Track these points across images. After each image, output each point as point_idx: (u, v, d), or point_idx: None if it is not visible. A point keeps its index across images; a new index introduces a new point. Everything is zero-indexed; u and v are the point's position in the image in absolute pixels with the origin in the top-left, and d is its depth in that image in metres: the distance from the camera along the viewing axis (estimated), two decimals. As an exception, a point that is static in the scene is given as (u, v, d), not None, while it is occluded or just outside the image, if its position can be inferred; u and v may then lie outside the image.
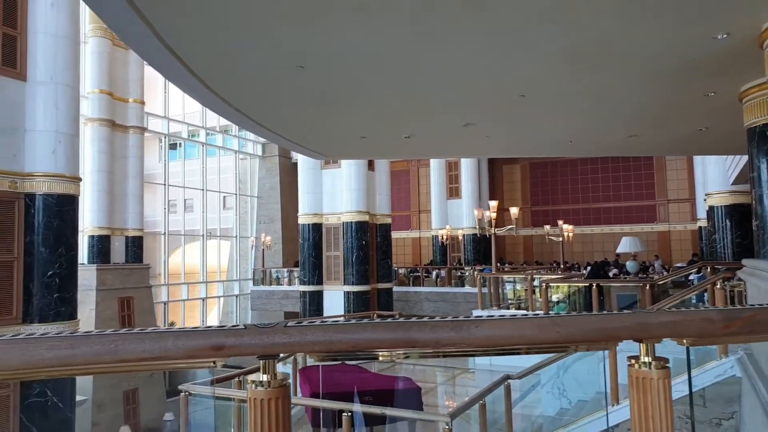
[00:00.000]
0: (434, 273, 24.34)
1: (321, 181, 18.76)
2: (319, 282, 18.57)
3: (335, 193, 18.66)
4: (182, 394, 6.26)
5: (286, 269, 24.48)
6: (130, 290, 19.72)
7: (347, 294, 18.35)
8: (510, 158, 28.91)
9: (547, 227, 23.25)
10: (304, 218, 18.48)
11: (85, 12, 18.23)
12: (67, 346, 1.01)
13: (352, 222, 18.41)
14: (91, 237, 19.22)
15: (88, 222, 18.92)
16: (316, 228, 18.46)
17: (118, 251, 20.06)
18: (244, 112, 7.48)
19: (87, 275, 17.42)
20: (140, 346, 1.02)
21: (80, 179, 10.99)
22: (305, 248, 18.41)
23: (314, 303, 18.26)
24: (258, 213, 27.40)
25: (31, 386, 9.90)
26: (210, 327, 1.09)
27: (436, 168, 28.78)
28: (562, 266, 21.73)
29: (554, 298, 11.30)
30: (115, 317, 19.02)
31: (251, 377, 1.10)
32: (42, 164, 10.28)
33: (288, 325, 1.07)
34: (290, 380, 1.09)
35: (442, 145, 9.43)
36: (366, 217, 18.68)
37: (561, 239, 20.84)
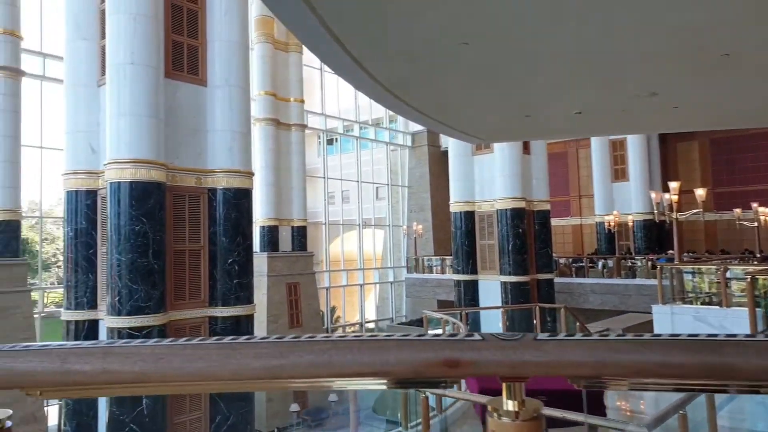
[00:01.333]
0: (600, 263, 22.70)
1: (472, 167, 18.33)
2: (474, 271, 18.20)
3: (487, 180, 18.12)
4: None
5: (437, 257, 24.48)
6: (297, 276, 21.07)
7: (504, 284, 17.76)
8: (686, 134, 25.90)
9: (738, 211, 20.36)
10: (455, 206, 18.21)
11: (251, 20, 19.68)
12: (275, 354, 0.85)
13: (506, 209, 17.75)
14: (262, 227, 20.83)
15: (259, 214, 20.51)
16: (469, 216, 18.08)
17: (285, 240, 21.52)
18: (402, 98, 7.40)
19: (259, 262, 18.91)
20: (358, 358, 0.83)
21: (253, 174, 11.83)
22: (458, 237, 18.15)
23: (469, 292, 17.95)
24: (409, 202, 27.75)
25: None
26: (438, 336, 0.87)
27: (598, 148, 26.77)
28: (758, 255, 18.84)
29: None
30: (283, 301, 20.47)
31: (491, 404, 0.86)
32: (221, 161, 11.23)
33: (538, 338, 0.81)
34: (541, 410, 0.83)
35: (617, 120, 8.54)
36: (522, 204, 17.90)
37: (756, 224, 18.13)
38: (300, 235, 21.94)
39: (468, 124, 9.37)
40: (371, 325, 26.19)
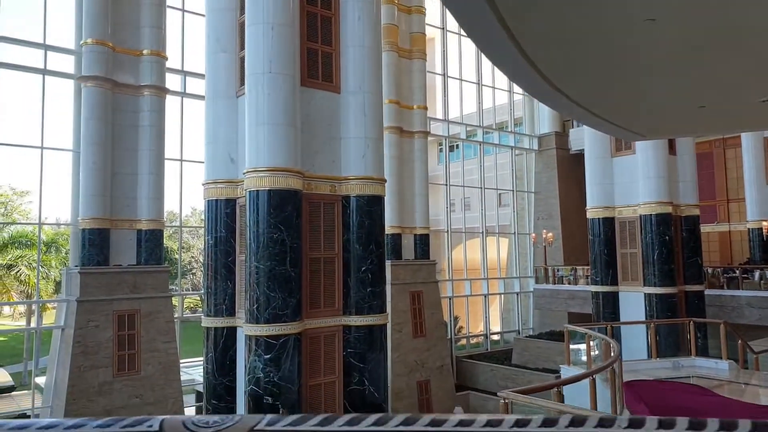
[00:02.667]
0: (756, 273, 20.06)
1: (611, 170, 16.81)
2: (614, 282, 16.65)
3: (629, 183, 16.52)
4: (501, 401, 5.89)
5: (569, 267, 22.92)
6: (420, 285, 20.63)
7: (648, 297, 16.07)
8: None
9: None
10: (593, 212, 16.79)
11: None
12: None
13: (651, 215, 16.07)
14: (387, 235, 20.64)
15: (384, 221, 20.30)
16: (608, 222, 16.58)
17: (407, 248, 21.18)
18: (560, 89, 6.61)
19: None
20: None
21: (385, 180, 11.51)
22: (596, 245, 16.70)
23: (609, 305, 16.43)
24: (535, 208, 26.36)
25: (351, 374, 10.65)
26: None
27: (749, 147, 23.84)
28: None
29: None
30: (407, 309, 20.09)
31: None
32: (354, 168, 11.02)
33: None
34: None
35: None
36: (668, 209, 16.12)
37: None
38: (422, 243, 21.51)
39: (629, 117, 8.33)
40: (496, 337, 25.11)
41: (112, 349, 14.86)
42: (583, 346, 10.83)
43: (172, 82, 17.86)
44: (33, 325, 16.75)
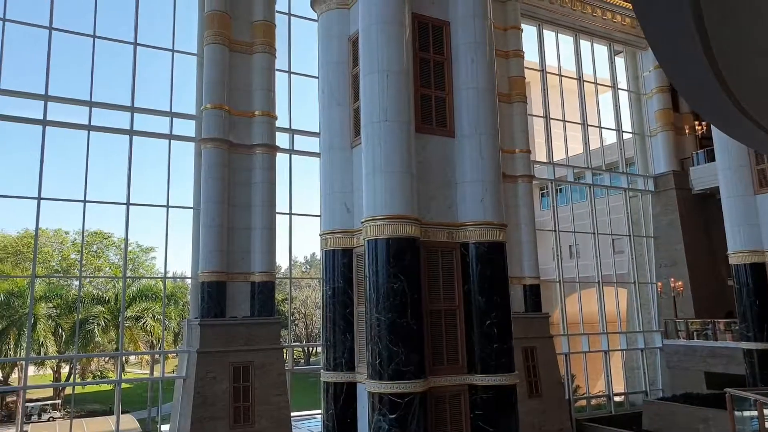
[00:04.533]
0: None
1: (755, 209, 15.09)
2: None
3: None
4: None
5: (704, 320, 20.60)
6: (533, 340, 19.33)
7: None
8: None
9: None
10: (736, 257, 15.03)
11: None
12: None
13: (808, 258, 14.15)
14: (496, 286, 19.70)
15: (507, 270, 19.41)
16: (757, 268, 14.75)
17: (516, 300, 20.02)
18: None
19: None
20: None
21: (505, 225, 10.89)
22: (744, 294, 14.84)
23: (766, 365, 14.36)
24: (656, 255, 24.25)
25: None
26: None
27: None
28: None
29: None
30: (520, 367, 18.75)
31: None
32: (472, 213, 10.52)
33: None
34: None
35: None
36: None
37: None
38: (533, 294, 20.29)
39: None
40: (620, 399, 22.86)
41: (229, 400, 14.93)
42: (748, 413, 9.31)
43: (281, 140, 18.53)
44: (156, 374, 17.29)
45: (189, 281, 19.12)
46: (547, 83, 24.01)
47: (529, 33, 23.23)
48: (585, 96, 24.82)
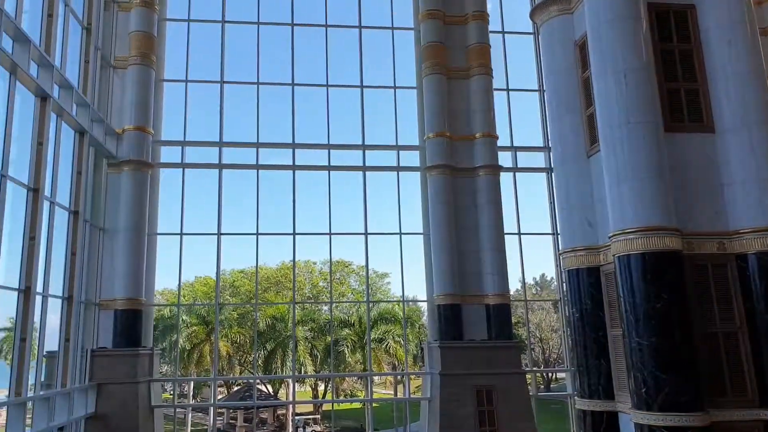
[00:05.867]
0: None
1: None
2: None
3: None
4: None
5: None
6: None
7: None
8: None
9: None
10: None
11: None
12: None
13: None
14: None
15: None
16: None
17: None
18: None
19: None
20: None
21: (794, 230, 9.04)
22: None
23: None
24: None
25: None
26: None
27: None
28: None
29: None
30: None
31: None
32: (748, 219, 9.00)
33: None
34: None
35: None
36: None
37: None
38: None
39: None
40: None
41: (474, 424, 14.93)
42: None
43: (503, 159, 18.32)
44: (400, 394, 18.15)
45: (423, 304, 19.84)
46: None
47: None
48: None
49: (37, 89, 12.23)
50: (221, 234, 17.51)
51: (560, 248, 11.16)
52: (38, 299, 12.21)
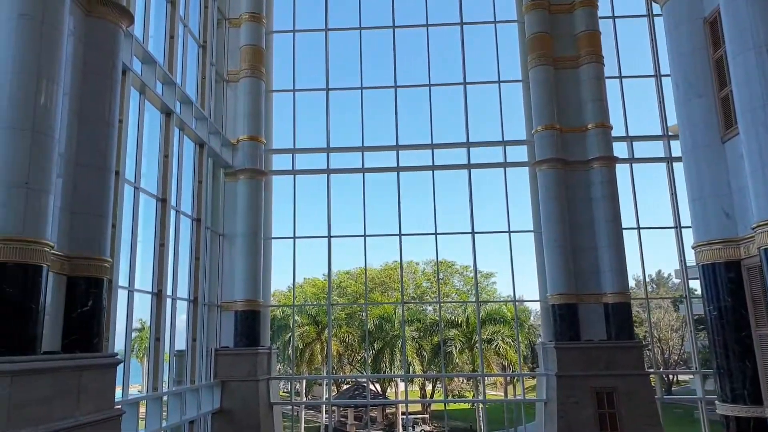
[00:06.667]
0: None
1: None
2: None
3: None
4: None
5: None
6: None
7: None
8: None
9: None
10: None
11: None
12: None
13: None
14: None
15: None
16: None
17: None
18: None
19: None
20: None
21: None
22: None
23: None
24: None
25: None
26: None
27: None
28: None
29: None
30: None
31: None
32: None
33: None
34: None
35: None
36: None
37: None
38: None
39: None
40: None
41: (594, 427, 14.15)
42: None
43: (618, 150, 17.26)
44: (510, 395, 17.64)
45: (528, 304, 19.15)
46: None
47: None
48: None
49: (162, 106, 13.17)
50: (331, 237, 17.96)
51: (693, 242, 10.22)
52: (168, 302, 13.13)
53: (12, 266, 6.56)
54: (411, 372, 29.52)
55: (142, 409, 11.90)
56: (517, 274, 17.68)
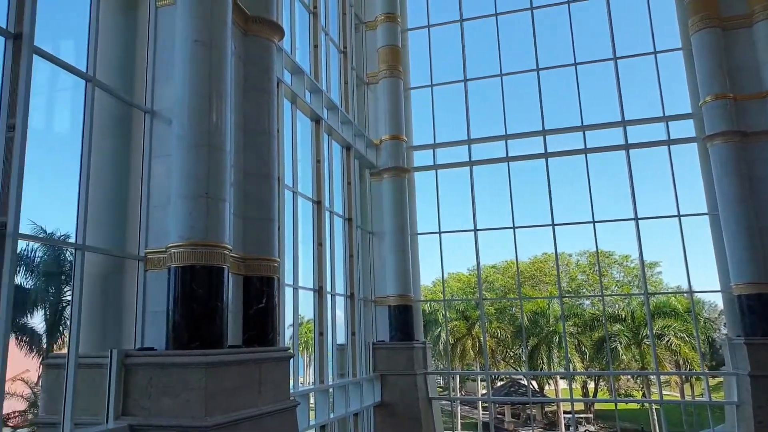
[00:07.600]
0: None
1: None
2: None
3: None
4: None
5: None
6: None
7: None
8: None
9: None
10: None
11: None
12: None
13: None
14: None
15: None
16: None
17: None
18: None
19: None
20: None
21: None
22: None
23: None
24: None
25: None
26: None
27: None
28: None
29: None
30: None
31: None
32: None
33: None
34: None
35: None
36: None
37: None
38: None
39: None
40: None
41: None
42: None
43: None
44: (687, 395, 15.94)
45: (701, 295, 17.11)
46: None
47: None
48: None
49: (311, 114, 13.81)
50: (477, 230, 17.63)
51: None
52: (328, 297, 13.75)
53: (199, 268, 7.19)
54: (571, 369, 28.03)
55: (310, 401, 12.54)
56: (680, 262, 15.93)
